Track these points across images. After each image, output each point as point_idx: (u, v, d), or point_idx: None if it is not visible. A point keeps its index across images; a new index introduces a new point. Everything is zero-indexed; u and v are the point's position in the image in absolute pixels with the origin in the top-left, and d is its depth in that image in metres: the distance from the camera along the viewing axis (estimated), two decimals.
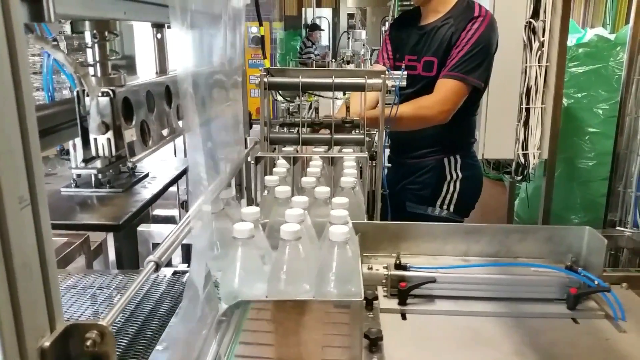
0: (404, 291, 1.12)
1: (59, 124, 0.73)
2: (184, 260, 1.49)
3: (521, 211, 3.96)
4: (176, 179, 1.06)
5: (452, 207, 2.14)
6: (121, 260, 1.41)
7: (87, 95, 0.68)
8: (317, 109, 1.70)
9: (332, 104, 1.66)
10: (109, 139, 0.72)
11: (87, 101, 0.69)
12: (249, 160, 1.63)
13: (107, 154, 0.73)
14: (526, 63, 2.69)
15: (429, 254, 1.26)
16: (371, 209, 1.77)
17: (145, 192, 0.95)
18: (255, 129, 1.82)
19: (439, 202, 2.15)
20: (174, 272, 1.24)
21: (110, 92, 0.70)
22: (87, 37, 0.73)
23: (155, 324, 1.06)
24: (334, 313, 0.91)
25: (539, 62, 2.68)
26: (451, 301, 1.16)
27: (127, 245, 1.34)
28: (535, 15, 2.64)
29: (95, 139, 0.72)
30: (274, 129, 1.76)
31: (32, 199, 0.51)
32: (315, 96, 1.75)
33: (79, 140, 0.83)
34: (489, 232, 1.26)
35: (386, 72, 1.68)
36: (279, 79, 1.60)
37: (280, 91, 1.73)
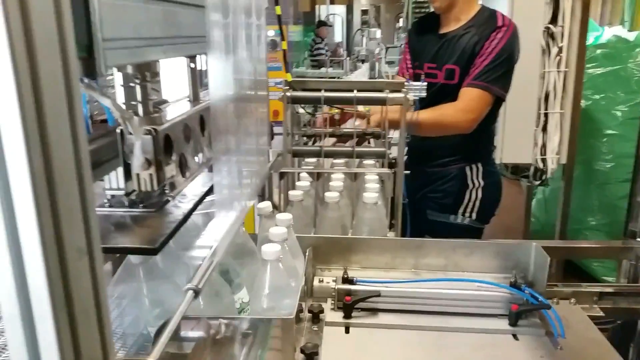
0: (349, 305, 1.14)
1: (102, 160, 0.76)
2: None
3: (538, 213, 3.96)
4: (205, 195, 1.09)
5: (474, 215, 2.15)
6: None
7: (131, 134, 0.71)
8: (338, 120, 1.72)
9: (354, 118, 1.68)
10: (150, 175, 0.75)
11: (130, 139, 0.72)
12: (271, 172, 1.66)
13: (149, 188, 0.76)
14: (545, 68, 2.68)
15: (380, 267, 1.29)
16: (390, 217, 1.79)
17: (176, 212, 0.97)
18: (277, 139, 1.84)
19: (461, 210, 2.16)
20: None
21: (153, 130, 0.73)
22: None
23: None
24: (269, 329, 0.94)
25: (557, 68, 2.67)
26: (395, 315, 1.17)
27: None
28: (554, 20, 2.63)
29: (138, 175, 0.75)
30: (295, 138, 1.78)
31: (88, 249, 0.54)
32: (336, 108, 1.77)
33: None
34: (436, 247, 1.28)
35: (406, 84, 1.70)
36: (301, 93, 1.62)
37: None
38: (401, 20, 7.46)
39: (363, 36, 6.82)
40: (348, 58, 6.36)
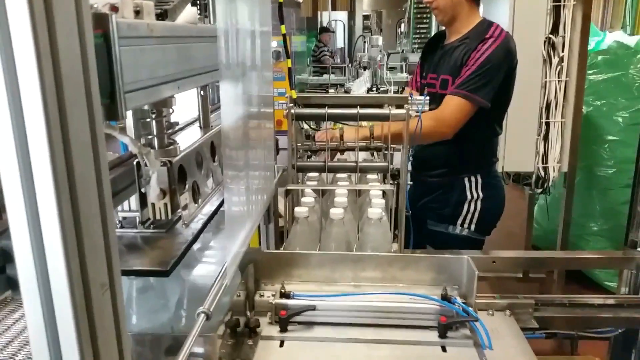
0: (284, 319, 1.17)
1: (119, 189, 0.80)
2: None
3: (540, 219, 3.97)
4: (213, 214, 1.11)
5: (472, 226, 2.17)
6: None
7: (147, 166, 0.75)
8: (342, 135, 1.75)
9: (357, 132, 1.71)
10: (165, 204, 0.78)
11: (146, 171, 0.75)
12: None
13: (164, 217, 0.79)
14: (546, 78, 2.71)
15: (320, 281, 1.31)
16: (392, 228, 1.82)
17: (186, 232, 0.99)
18: (283, 153, 1.87)
19: (459, 221, 2.18)
20: None
21: (168, 162, 0.76)
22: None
23: None
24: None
25: (558, 77, 2.69)
26: (330, 327, 1.20)
27: None
28: (555, 30, 2.66)
29: (153, 204, 0.78)
30: (298, 153, 1.81)
31: (110, 284, 0.57)
32: (340, 123, 1.80)
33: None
34: (373, 261, 1.31)
35: (409, 98, 1.73)
36: (305, 110, 1.65)
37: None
38: (403, 26, 7.48)
39: (365, 42, 6.83)
40: (350, 65, 6.38)
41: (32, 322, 0.52)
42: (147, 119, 0.81)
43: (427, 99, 1.76)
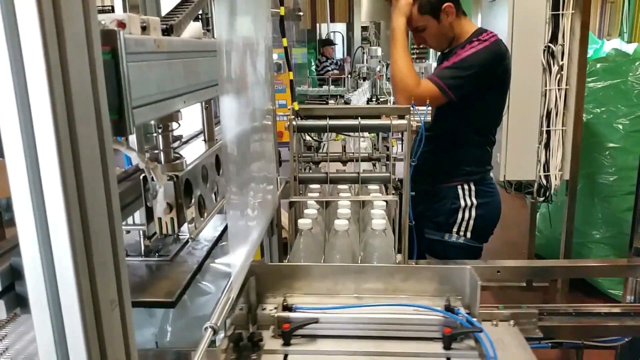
0: (287, 332, 1.16)
1: (125, 204, 0.80)
2: None
3: (542, 227, 3.97)
4: (218, 240, 1.11)
5: (468, 234, 2.18)
6: None
7: (153, 180, 0.75)
8: (344, 147, 1.75)
9: (358, 143, 1.71)
10: (172, 218, 0.78)
11: (152, 186, 0.75)
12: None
13: (170, 232, 0.79)
14: (546, 86, 2.72)
15: (322, 293, 1.30)
16: (397, 240, 1.82)
17: (190, 260, 0.99)
18: (285, 165, 1.87)
19: (455, 229, 2.18)
20: None
21: (174, 177, 0.76)
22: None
23: None
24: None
25: (558, 86, 2.70)
26: (334, 340, 1.19)
27: None
28: (554, 39, 2.67)
29: (160, 219, 0.78)
30: (300, 165, 1.81)
31: (120, 300, 0.57)
32: (342, 134, 1.81)
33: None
34: (375, 272, 1.30)
35: (410, 108, 1.73)
36: (307, 122, 1.66)
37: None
38: None
39: (364, 53, 6.85)
40: (350, 76, 6.40)
41: (42, 338, 0.52)
42: (153, 134, 0.82)
43: (429, 109, 1.77)
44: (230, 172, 0.91)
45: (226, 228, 1.10)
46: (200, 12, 1.11)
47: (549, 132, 2.78)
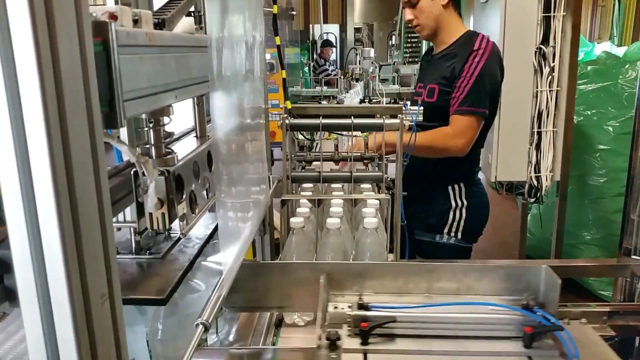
0: (365, 331, 1.14)
1: (115, 199, 0.79)
2: None
3: (533, 228, 3.99)
4: (209, 238, 1.10)
5: (459, 234, 2.20)
6: None
7: (144, 175, 0.74)
8: (336, 146, 1.75)
9: (351, 142, 1.71)
10: (163, 214, 0.78)
11: (143, 181, 0.75)
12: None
13: (161, 227, 0.79)
14: (537, 88, 2.74)
15: (393, 292, 1.29)
16: (389, 240, 1.82)
17: (182, 258, 0.98)
18: (277, 164, 1.87)
19: (446, 230, 2.21)
20: None
21: (166, 172, 0.76)
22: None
23: None
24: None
25: (549, 87, 2.72)
26: (411, 340, 1.18)
27: None
28: (545, 41, 2.69)
29: (151, 214, 0.77)
30: (293, 164, 1.81)
31: (110, 294, 0.56)
32: (335, 134, 1.81)
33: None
34: (448, 271, 1.29)
35: (403, 108, 1.74)
36: (300, 120, 1.66)
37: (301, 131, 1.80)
38: (394, 38, 7.53)
39: (357, 54, 6.86)
40: (343, 77, 6.41)
41: (31, 332, 0.51)
42: (144, 128, 0.81)
43: (422, 109, 1.78)
44: (220, 170, 0.91)
45: (217, 227, 1.10)
46: (193, 9, 1.11)
47: (540, 134, 2.80)
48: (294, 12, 2.62)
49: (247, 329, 1.41)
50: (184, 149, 0.98)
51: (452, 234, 2.21)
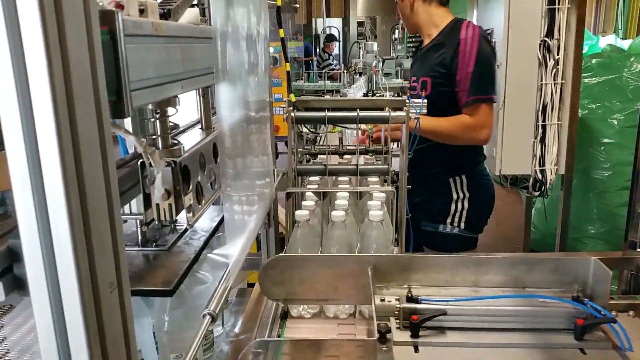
0: (416, 324, 1.14)
1: (123, 190, 0.79)
2: None
3: (537, 222, 3.98)
4: (214, 231, 1.11)
5: (462, 225, 2.22)
6: None
7: (151, 166, 0.74)
8: (341, 139, 1.75)
9: (357, 135, 1.71)
10: (170, 205, 0.78)
11: (150, 172, 0.75)
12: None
13: (168, 218, 0.79)
14: (541, 81, 2.72)
15: (439, 285, 1.28)
16: (394, 232, 1.82)
17: (188, 250, 0.99)
18: (281, 158, 1.87)
19: (449, 220, 2.23)
20: None
21: (172, 162, 0.76)
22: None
23: None
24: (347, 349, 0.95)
25: (554, 80, 2.71)
26: (461, 333, 1.18)
27: None
28: (550, 33, 2.67)
29: (157, 205, 0.78)
30: (298, 156, 1.81)
31: (118, 283, 0.56)
32: (339, 127, 1.81)
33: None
34: (496, 263, 1.28)
35: (406, 101, 1.74)
36: (305, 113, 1.66)
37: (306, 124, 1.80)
38: (397, 32, 7.51)
39: (360, 48, 6.85)
40: (345, 71, 6.40)
41: (41, 320, 0.51)
42: (150, 119, 0.81)
43: (425, 101, 1.78)
44: (226, 163, 0.91)
45: (222, 219, 1.10)
46: (196, 1, 1.11)
47: (544, 127, 2.78)
48: (297, 5, 2.61)
49: (252, 321, 1.41)
50: (190, 140, 0.98)
51: (455, 224, 2.23)
